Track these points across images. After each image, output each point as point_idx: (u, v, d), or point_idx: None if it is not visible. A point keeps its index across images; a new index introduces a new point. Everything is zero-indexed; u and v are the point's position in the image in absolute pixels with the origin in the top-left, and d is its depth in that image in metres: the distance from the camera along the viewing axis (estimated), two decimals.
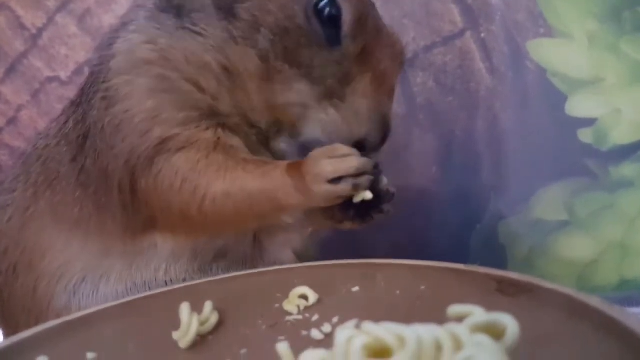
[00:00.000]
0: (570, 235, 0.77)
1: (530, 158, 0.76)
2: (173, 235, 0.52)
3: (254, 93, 0.49)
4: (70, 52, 0.88)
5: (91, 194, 0.53)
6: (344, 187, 0.45)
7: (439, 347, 0.27)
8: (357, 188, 0.46)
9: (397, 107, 0.76)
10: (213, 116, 0.50)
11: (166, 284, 0.52)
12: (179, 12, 0.50)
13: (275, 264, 0.53)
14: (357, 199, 0.46)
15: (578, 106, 0.75)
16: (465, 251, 0.79)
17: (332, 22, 0.48)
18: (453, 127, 0.78)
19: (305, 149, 0.49)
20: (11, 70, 0.90)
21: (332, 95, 0.49)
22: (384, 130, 0.50)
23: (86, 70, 0.85)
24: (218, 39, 0.49)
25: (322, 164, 0.46)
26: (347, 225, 0.52)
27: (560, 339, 0.33)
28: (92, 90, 0.52)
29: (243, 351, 0.39)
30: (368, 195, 0.46)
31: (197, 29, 0.49)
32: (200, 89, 0.50)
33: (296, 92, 0.48)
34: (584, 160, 0.76)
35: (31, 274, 0.55)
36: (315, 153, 0.47)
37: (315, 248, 0.58)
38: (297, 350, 0.33)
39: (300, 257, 0.56)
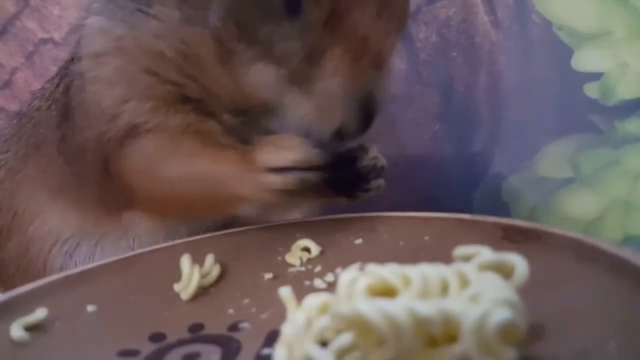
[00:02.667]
0: (574, 192, 0.76)
1: (534, 114, 0.75)
2: (148, 217, 0.51)
3: (220, 77, 0.44)
4: (63, 12, 0.86)
5: (71, 166, 0.52)
6: (288, 180, 0.42)
7: (445, 288, 0.27)
8: (305, 183, 0.42)
9: (399, 63, 0.74)
10: (183, 102, 0.47)
11: None
12: None
13: None
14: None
15: (584, 60, 0.73)
16: (469, 209, 0.78)
17: None
18: (456, 83, 0.77)
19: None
20: (3, 32, 0.87)
21: (300, 79, 0.41)
22: (366, 113, 0.42)
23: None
24: (173, 21, 0.44)
25: (264, 150, 0.43)
26: (343, 201, 0.49)
27: (570, 282, 0.32)
28: (76, 58, 0.50)
29: (246, 301, 0.39)
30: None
31: (152, 11, 0.44)
32: (163, 81, 0.46)
33: (256, 75, 0.42)
34: (590, 115, 0.74)
35: (23, 237, 0.55)
36: (263, 139, 0.44)
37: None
38: (300, 297, 0.32)
39: None
